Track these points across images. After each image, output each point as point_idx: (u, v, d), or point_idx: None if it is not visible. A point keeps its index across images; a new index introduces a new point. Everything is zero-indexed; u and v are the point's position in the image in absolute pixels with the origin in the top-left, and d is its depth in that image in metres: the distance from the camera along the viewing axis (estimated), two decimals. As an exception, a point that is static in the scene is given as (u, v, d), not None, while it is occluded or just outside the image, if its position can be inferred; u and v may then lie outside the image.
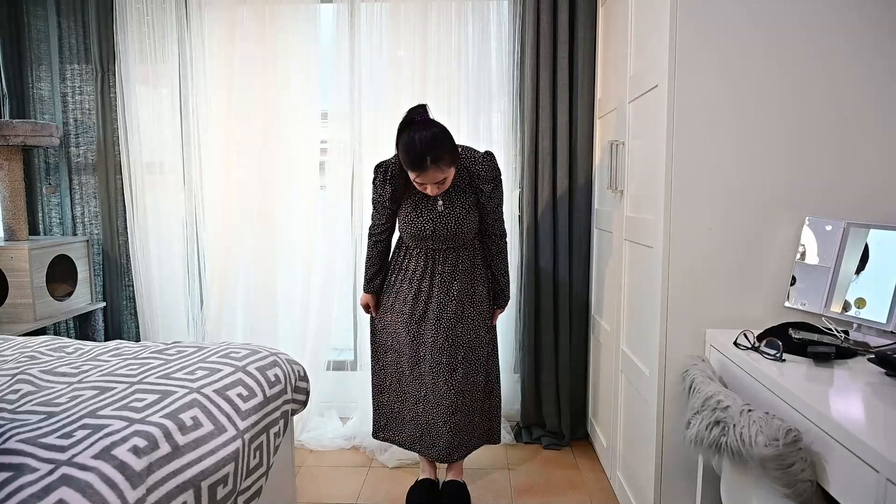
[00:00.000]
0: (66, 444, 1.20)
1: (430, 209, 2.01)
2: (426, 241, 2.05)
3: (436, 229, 2.01)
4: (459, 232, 2.03)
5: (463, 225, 2.02)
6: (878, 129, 1.60)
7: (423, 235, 2.03)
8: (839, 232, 1.53)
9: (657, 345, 1.72)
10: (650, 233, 1.79)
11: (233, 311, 2.86)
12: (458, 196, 2.02)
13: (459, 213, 2.01)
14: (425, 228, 2.02)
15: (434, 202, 2.01)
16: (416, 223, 2.03)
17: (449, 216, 2.01)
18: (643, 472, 1.88)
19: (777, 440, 1.08)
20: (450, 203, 2.01)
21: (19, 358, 1.80)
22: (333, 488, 2.36)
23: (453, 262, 2.08)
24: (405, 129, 1.89)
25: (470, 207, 2.03)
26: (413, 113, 1.91)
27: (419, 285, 2.09)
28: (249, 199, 2.79)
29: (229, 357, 1.74)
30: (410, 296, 2.10)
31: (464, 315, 2.09)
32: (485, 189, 2.03)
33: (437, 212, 2.00)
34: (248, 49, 2.73)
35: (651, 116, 1.79)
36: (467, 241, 2.10)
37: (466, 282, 2.10)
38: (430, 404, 2.11)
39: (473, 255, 2.13)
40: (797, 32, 1.59)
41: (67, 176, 2.90)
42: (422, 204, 2.03)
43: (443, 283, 2.08)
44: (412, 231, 2.04)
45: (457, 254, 2.09)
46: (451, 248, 2.08)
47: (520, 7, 2.62)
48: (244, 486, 1.48)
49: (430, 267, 2.08)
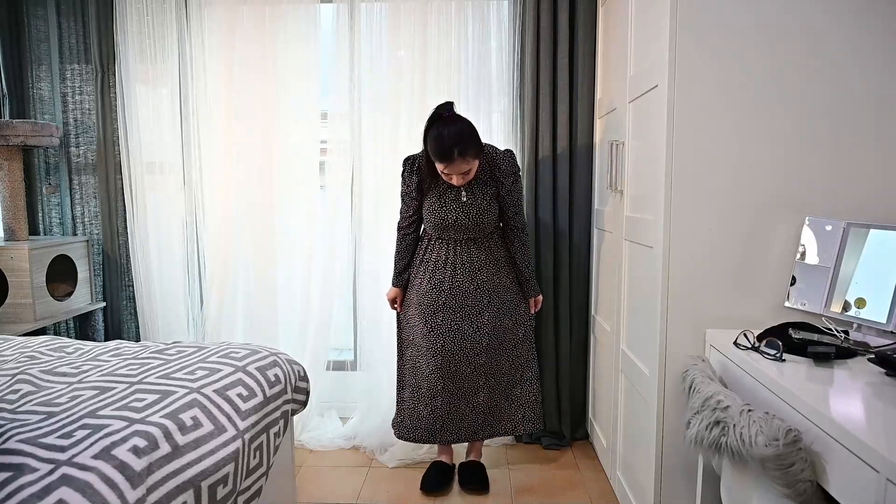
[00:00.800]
0: (66, 444, 1.20)
1: (454, 199, 2.15)
2: (449, 230, 2.17)
3: (458, 218, 2.15)
4: (481, 222, 2.16)
5: (485, 215, 2.16)
6: (878, 129, 1.60)
7: (446, 224, 2.16)
8: (839, 232, 1.53)
9: (657, 345, 1.72)
10: (650, 233, 1.79)
11: (233, 311, 2.86)
12: (481, 188, 2.17)
13: (481, 203, 2.15)
14: (448, 217, 2.15)
15: (458, 193, 2.15)
16: (440, 212, 2.16)
17: (472, 206, 2.15)
18: (643, 472, 1.88)
19: (777, 440, 1.08)
20: (472, 194, 2.15)
21: (19, 358, 1.80)
22: (333, 488, 2.36)
23: (476, 253, 2.20)
24: (433, 124, 2.04)
25: (491, 199, 2.17)
26: (441, 109, 2.06)
27: (441, 275, 2.20)
28: (249, 199, 2.79)
29: (229, 357, 1.74)
30: (432, 286, 2.21)
31: (490, 303, 2.20)
32: (505, 182, 2.17)
33: (461, 202, 2.15)
34: (248, 49, 2.73)
35: (651, 116, 1.79)
36: (488, 233, 2.23)
37: (492, 272, 2.22)
38: (449, 393, 2.22)
39: (496, 247, 2.24)
40: (797, 32, 1.59)
41: (67, 176, 2.90)
42: (446, 195, 2.16)
43: (466, 273, 2.19)
44: (436, 219, 2.17)
45: (478, 245, 2.20)
46: (473, 240, 2.21)
47: (520, 7, 2.62)
48: (244, 486, 1.48)
49: (452, 258, 2.20)
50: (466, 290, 2.19)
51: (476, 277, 2.19)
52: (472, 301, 2.20)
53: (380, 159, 2.72)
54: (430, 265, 2.22)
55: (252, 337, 2.81)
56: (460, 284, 2.19)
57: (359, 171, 2.79)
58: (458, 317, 2.20)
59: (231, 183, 2.80)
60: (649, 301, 1.80)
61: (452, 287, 2.19)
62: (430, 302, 2.21)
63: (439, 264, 2.21)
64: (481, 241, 2.22)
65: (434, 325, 2.21)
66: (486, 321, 2.21)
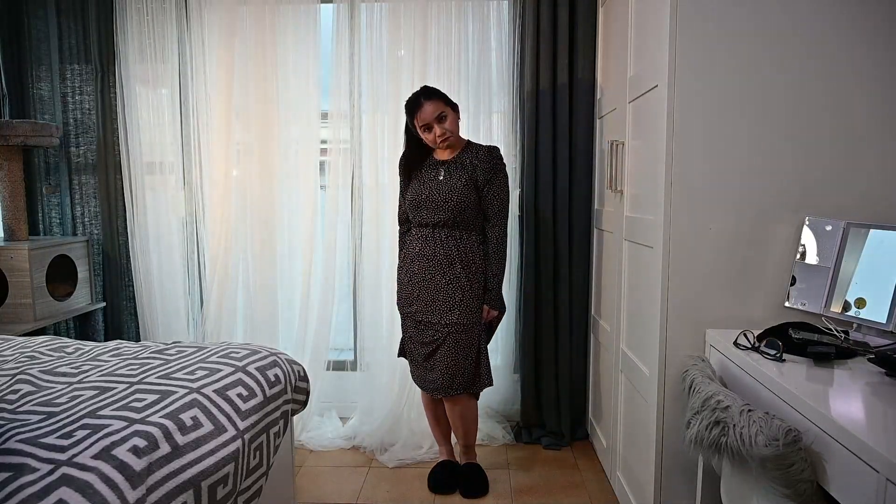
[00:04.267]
0: (66, 445, 1.20)
1: (432, 179, 2.19)
2: (422, 209, 2.18)
3: (431, 194, 2.16)
4: (451, 200, 2.13)
5: (455, 194, 2.13)
6: (878, 129, 1.60)
7: (419, 201, 2.18)
8: (839, 232, 1.53)
9: (657, 345, 1.72)
10: (650, 233, 1.79)
11: (233, 311, 2.86)
12: (459, 170, 2.18)
13: (456, 184, 2.15)
14: (422, 193, 2.17)
15: (437, 173, 2.19)
16: (417, 191, 2.19)
17: (445, 184, 2.15)
18: (643, 472, 1.88)
19: (777, 440, 1.08)
20: (450, 176, 2.17)
21: (19, 358, 1.80)
22: (333, 488, 2.36)
23: (451, 245, 2.17)
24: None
25: (466, 183, 2.15)
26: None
27: (417, 266, 2.20)
28: (249, 198, 2.80)
29: (229, 357, 1.74)
30: (409, 278, 2.22)
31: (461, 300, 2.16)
32: (482, 169, 2.16)
33: (437, 180, 2.17)
34: (248, 49, 2.73)
35: (651, 116, 1.79)
36: (463, 223, 2.17)
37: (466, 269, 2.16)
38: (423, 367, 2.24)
39: (473, 245, 2.20)
40: (797, 32, 1.59)
41: (67, 176, 2.90)
42: (427, 175, 2.21)
43: (440, 266, 2.16)
44: (412, 198, 2.20)
45: (454, 238, 2.17)
46: (447, 228, 2.17)
47: (520, 7, 2.62)
48: (244, 486, 1.48)
49: (428, 249, 2.18)
50: (439, 284, 2.16)
51: (448, 271, 2.15)
52: (444, 296, 2.15)
53: (380, 159, 2.72)
54: (409, 256, 2.24)
55: (252, 337, 2.81)
56: (432, 277, 2.17)
57: (359, 170, 2.79)
58: (429, 310, 2.17)
59: (231, 183, 2.80)
60: (649, 301, 1.80)
61: (425, 279, 2.18)
62: (406, 294, 2.23)
63: (415, 255, 2.20)
64: (457, 233, 2.16)
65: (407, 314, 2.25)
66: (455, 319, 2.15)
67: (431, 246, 2.17)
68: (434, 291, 2.17)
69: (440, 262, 2.16)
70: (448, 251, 2.16)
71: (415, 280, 2.20)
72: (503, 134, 2.74)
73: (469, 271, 2.17)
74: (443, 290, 2.16)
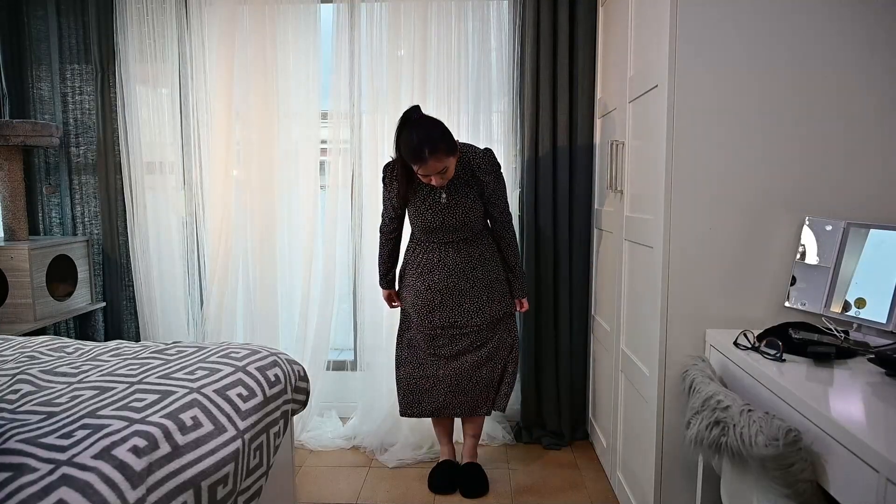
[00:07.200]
0: (66, 444, 1.20)
1: (435, 201, 2.14)
2: (435, 232, 2.17)
3: (444, 220, 2.13)
4: (466, 221, 2.14)
5: (468, 215, 2.13)
6: (878, 128, 1.60)
7: (431, 227, 2.16)
8: (839, 232, 1.53)
9: (657, 345, 1.72)
10: (650, 233, 1.79)
11: (233, 311, 2.86)
12: (461, 188, 2.14)
13: (464, 203, 2.13)
14: (433, 220, 2.14)
15: (438, 195, 2.13)
16: (424, 216, 2.15)
17: (454, 207, 2.13)
18: (643, 472, 1.88)
19: (777, 440, 1.08)
20: (452, 195, 2.13)
21: (19, 358, 1.80)
22: (333, 488, 2.36)
23: (468, 251, 2.19)
24: (403, 128, 2.01)
25: (475, 199, 2.15)
26: (409, 112, 2.04)
27: (437, 276, 2.19)
28: (249, 198, 2.79)
29: (229, 357, 1.74)
30: (427, 286, 2.20)
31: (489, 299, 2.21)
32: (487, 181, 2.14)
33: (441, 204, 2.12)
34: (248, 49, 2.73)
35: (651, 116, 1.79)
36: (477, 233, 2.21)
37: (488, 269, 2.22)
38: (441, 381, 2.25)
39: (488, 245, 2.24)
40: (797, 32, 1.59)
41: (67, 176, 2.90)
42: (429, 198, 2.15)
43: (461, 272, 2.18)
44: (421, 224, 2.17)
45: (470, 245, 2.19)
46: (464, 240, 2.19)
47: (520, 7, 2.62)
48: (244, 486, 1.48)
49: (446, 259, 2.18)
50: (463, 289, 2.19)
51: (471, 276, 2.19)
52: (470, 298, 2.19)
53: (380, 159, 2.72)
54: (424, 266, 2.21)
55: (252, 337, 2.81)
56: (455, 284, 2.18)
57: (359, 170, 2.79)
58: (455, 314, 2.20)
59: (231, 183, 2.80)
60: (649, 301, 1.80)
61: (448, 287, 2.18)
62: (426, 302, 2.20)
63: (434, 265, 2.19)
64: (472, 240, 2.20)
65: (431, 322, 2.22)
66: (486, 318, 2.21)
67: (452, 255, 2.18)
68: (460, 297, 2.19)
69: (462, 268, 2.18)
70: (467, 258, 2.19)
71: (435, 288, 2.19)
72: (503, 134, 2.74)
73: (489, 272, 2.21)
74: (468, 294, 2.19)
